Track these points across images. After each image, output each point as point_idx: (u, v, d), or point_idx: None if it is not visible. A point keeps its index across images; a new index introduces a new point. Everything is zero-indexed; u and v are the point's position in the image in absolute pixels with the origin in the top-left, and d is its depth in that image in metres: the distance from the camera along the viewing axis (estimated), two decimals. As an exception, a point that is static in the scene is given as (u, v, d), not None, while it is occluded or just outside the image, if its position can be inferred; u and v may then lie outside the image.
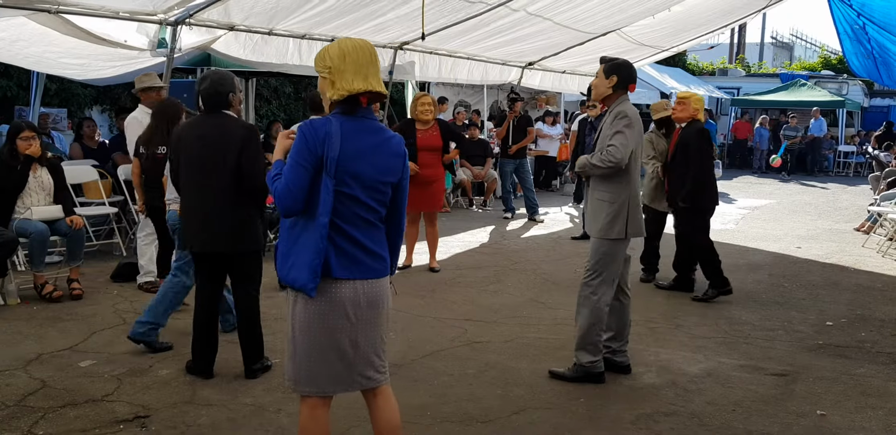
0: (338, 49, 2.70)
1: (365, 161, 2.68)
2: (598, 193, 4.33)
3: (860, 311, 6.11)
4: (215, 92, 4.20)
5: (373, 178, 2.71)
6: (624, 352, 4.55)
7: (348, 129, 2.67)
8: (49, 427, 3.64)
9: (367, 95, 2.71)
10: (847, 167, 20.91)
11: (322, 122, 2.66)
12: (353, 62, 2.68)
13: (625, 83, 4.32)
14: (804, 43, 47.28)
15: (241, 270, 4.32)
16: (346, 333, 2.74)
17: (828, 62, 30.69)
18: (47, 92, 10.41)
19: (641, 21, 10.70)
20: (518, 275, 7.20)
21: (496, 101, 16.66)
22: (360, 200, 2.70)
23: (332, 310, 2.71)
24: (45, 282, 5.92)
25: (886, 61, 11.45)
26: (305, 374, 2.77)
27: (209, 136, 4.18)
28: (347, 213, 2.69)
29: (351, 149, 2.65)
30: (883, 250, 8.61)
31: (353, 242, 2.71)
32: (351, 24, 8.08)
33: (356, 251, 2.72)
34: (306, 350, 2.75)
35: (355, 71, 2.68)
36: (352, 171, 2.66)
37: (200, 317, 4.33)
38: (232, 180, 4.13)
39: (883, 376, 4.59)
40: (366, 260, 2.74)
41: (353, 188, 2.67)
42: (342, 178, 2.64)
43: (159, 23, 6.52)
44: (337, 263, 2.68)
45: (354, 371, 2.80)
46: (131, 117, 6.25)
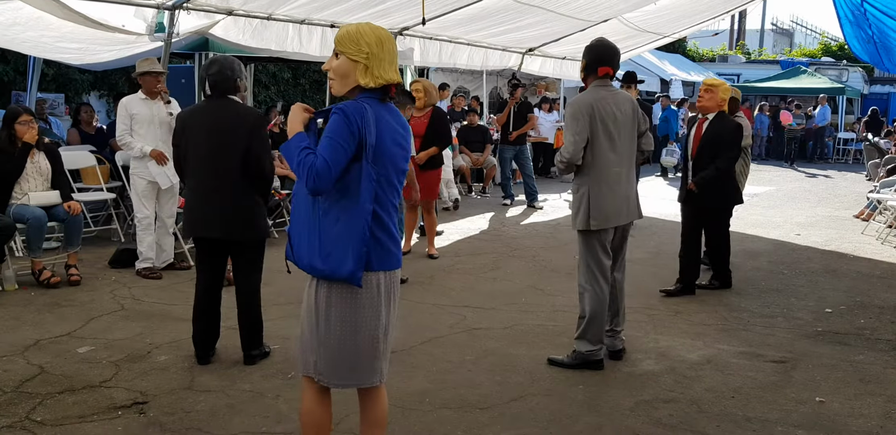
0: (375, 36, 2.62)
1: (397, 146, 2.66)
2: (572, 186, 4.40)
3: (859, 298, 6.10)
4: (225, 77, 4.17)
5: (402, 161, 2.70)
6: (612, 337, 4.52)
7: (381, 114, 2.63)
8: (47, 413, 3.63)
9: (397, 86, 2.69)
10: (847, 154, 20.87)
11: (359, 107, 2.56)
12: (389, 51, 2.64)
13: (593, 66, 4.23)
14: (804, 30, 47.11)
15: (246, 257, 4.30)
16: (381, 325, 2.71)
17: (828, 49, 30.58)
18: (44, 77, 10.35)
19: (643, 7, 10.64)
20: (517, 262, 7.19)
21: (495, 87, 16.60)
22: (395, 186, 2.69)
23: (371, 302, 2.66)
24: (42, 268, 5.91)
25: (887, 46, 11.39)
26: (333, 364, 2.71)
27: (218, 121, 4.15)
28: (385, 200, 2.65)
29: (387, 134, 2.62)
30: (882, 237, 8.61)
31: (387, 231, 2.67)
32: (351, 9, 8.03)
33: (388, 241, 2.68)
34: (341, 341, 2.68)
35: (391, 60, 2.64)
36: (389, 156, 2.62)
37: (202, 304, 4.31)
38: (240, 166, 4.11)
39: (882, 363, 4.58)
40: (393, 249, 2.71)
41: (390, 174, 2.64)
42: (384, 165, 2.60)
43: (157, 7, 6.47)
44: (374, 255, 2.63)
45: (380, 363, 2.76)
46: (122, 100, 6.23)
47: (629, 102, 4.34)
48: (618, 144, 4.25)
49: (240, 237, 4.21)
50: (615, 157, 4.24)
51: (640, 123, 4.39)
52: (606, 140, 4.21)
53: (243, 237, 4.21)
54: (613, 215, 4.27)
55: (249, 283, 4.33)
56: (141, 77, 6.15)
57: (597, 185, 4.23)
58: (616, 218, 4.29)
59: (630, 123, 4.31)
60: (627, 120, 4.28)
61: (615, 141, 4.24)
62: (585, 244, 4.34)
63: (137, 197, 6.19)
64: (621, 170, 4.28)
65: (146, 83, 6.14)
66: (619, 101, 4.28)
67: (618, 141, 4.25)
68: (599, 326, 4.34)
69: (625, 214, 4.35)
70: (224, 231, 4.18)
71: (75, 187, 7.27)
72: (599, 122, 4.18)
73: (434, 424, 3.61)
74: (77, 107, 9.52)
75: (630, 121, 4.30)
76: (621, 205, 4.30)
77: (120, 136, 6.14)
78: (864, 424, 3.72)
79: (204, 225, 4.20)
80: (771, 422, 3.72)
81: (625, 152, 4.30)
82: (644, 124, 4.42)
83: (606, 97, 4.24)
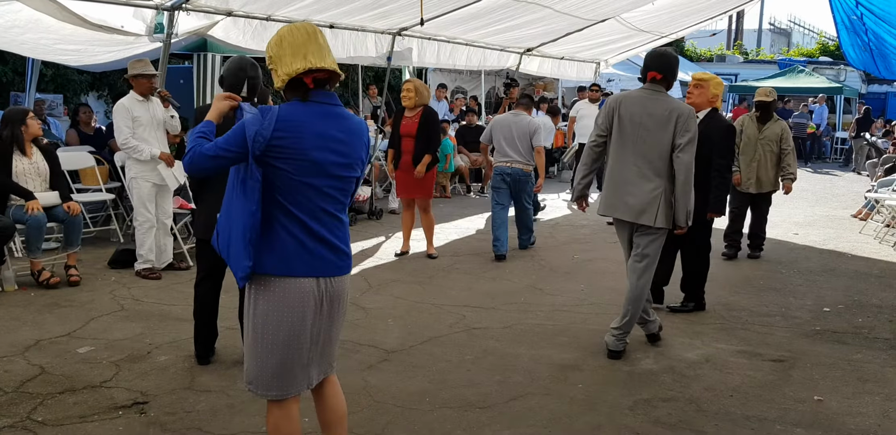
0: (275, 36, 2.61)
1: (325, 151, 2.57)
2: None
3: (857, 297, 6.12)
4: (260, 81, 4.12)
5: (334, 168, 2.61)
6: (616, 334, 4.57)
7: (304, 120, 2.56)
8: (48, 413, 3.64)
9: (311, 75, 2.57)
10: (844, 154, 20.87)
11: (268, 113, 2.53)
12: (289, 45, 2.57)
13: (643, 71, 4.51)
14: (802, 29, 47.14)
15: None
16: (306, 333, 2.65)
17: (826, 49, 30.61)
18: (43, 78, 10.35)
19: (641, 7, 10.65)
20: (516, 261, 7.20)
21: (493, 87, 16.62)
22: (324, 192, 2.61)
23: (293, 307, 2.61)
24: (41, 268, 5.91)
25: (883, 53, 11.44)
26: (257, 370, 2.67)
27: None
28: (309, 205, 2.60)
29: (307, 140, 2.54)
30: (880, 237, 8.63)
31: (316, 236, 2.61)
32: (350, 10, 8.03)
33: (320, 247, 2.62)
34: (263, 346, 2.64)
35: (293, 53, 2.56)
36: (311, 159, 2.54)
37: (202, 304, 4.31)
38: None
39: (880, 362, 4.60)
40: (328, 255, 2.65)
41: (312, 178, 2.57)
42: (302, 167, 2.54)
43: (156, 8, 6.46)
44: (299, 259, 2.60)
45: (313, 368, 2.74)
46: (119, 104, 6.15)
47: (669, 110, 4.35)
48: (637, 144, 4.39)
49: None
50: (633, 155, 4.40)
51: (675, 135, 4.32)
52: (621, 137, 4.44)
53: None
54: (610, 207, 4.55)
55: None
56: (133, 79, 6.13)
57: (607, 176, 4.58)
58: (612, 210, 4.53)
59: (659, 130, 4.35)
60: (655, 126, 4.36)
61: (633, 140, 4.39)
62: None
63: (140, 200, 6.14)
64: (637, 169, 4.39)
65: (139, 85, 6.12)
66: (653, 107, 4.38)
67: (636, 141, 4.38)
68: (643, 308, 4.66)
69: (623, 211, 4.46)
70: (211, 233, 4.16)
71: (74, 188, 7.28)
72: (618, 120, 4.43)
73: (434, 423, 3.63)
74: (75, 107, 9.52)
75: (659, 127, 4.35)
76: (619, 200, 4.46)
77: (125, 140, 6.04)
78: (862, 423, 3.74)
79: (202, 226, 4.19)
80: (769, 420, 3.73)
81: (644, 154, 4.38)
82: (681, 138, 4.30)
83: (640, 98, 4.44)
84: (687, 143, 4.31)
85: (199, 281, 4.34)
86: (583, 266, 7.06)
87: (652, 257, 4.53)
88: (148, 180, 6.14)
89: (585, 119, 11.86)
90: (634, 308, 4.56)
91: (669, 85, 4.49)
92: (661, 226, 4.41)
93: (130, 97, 6.15)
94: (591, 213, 10.26)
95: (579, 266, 7.06)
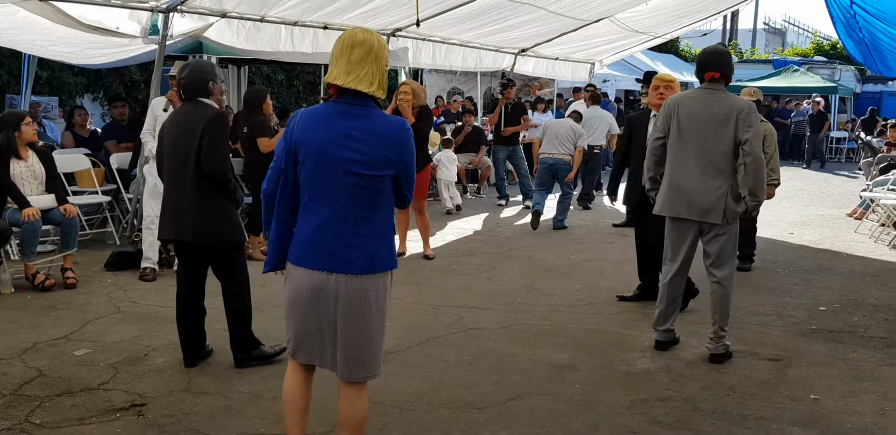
0: (337, 42, 2.82)
1: (332, 146, 2.72)
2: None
3: (853, 296, 6.14)
4: (194, 80, 4.18)
5: (350, 163, 2.72)
6: (712, 339, 4.59)
7: (320, 117, 2.78)
8: (45, 416, 3.64)
9: (336, 88, 2.77)
10: (840, 153, 20.95)
11: (297, 113, 2.86)
12: (334, 55, 2.78)
13: (699, 72, 4.56)
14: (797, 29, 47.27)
15: (218, 260, 4.25)
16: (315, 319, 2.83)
17: (820, 48, 30.71)
18: (38, 80, 10.33)
19: (635, 8, 10.67)
20: (512, 262, 7.21)
21: (489, 88, 16.62)
22: (343, 187, 2.73)
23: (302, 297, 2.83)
24: (35, 272, 5.90)
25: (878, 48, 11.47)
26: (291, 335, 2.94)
27: (181, 124, 4.16)
28: (329, 200, 2.75)
29: (313, 133, 2.76)
30: (875, 236, 8.65)
31: (332, 232, 2.74)
32: (343, 10, 8.03)
33: (334, 242, 2.75)
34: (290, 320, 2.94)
35: (334, 62, 2.78)
36: (324, 153, 2.73)
37: (182, 308, 4.30)
38: (195, 168, 4.09)
39: (875, 361, 4.62)
40: (343, 252, 2.75)
41: (331, 173, 2.74)
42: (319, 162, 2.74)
43: (151, 10, 6.46)
44: (313, 252, 2.77)
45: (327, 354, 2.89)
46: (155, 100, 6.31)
47: (728, 107, 4.38)
48: (699, 143, 4.40)
49: (203, 241, 4.14)
50: (692, 153, 4.42)
51: (738, 131, 4.36)
52: (680, 137, 4.45)
53: (207, 241, 4.15)
54: (670, 205, 4.52)
55: (228, 285, 4.27)
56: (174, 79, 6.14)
57: (667, 175, 4.56)
58: (674, 208, 4.51)
59: (719, 128, 4.38)
60: (716, 123, 4.38)
61: (697, 138, 4.41)
62: (666, 227, 4.66)
63: (148, 195, 6.23)
64: (700, 167, 4.42)
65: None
66: (714, 105, 4.40)
67: (701, 139, 4.40)
68: (660, 309, 4.66)
69: (685, 209, 4.47)
70: (177, 234, 4.16)
71: (70, 190, 7.28)
72: (676, 119, 4.45)
73: (432, 424, 3.63)
74: (70, 110, 9.51)
75: (720, 125, 4.37)
76: (681, 198, 4.47)
77: (143, 133, 6.31)
78: (859, 421, 3.75)
79: (165, 227, 4.25)
80: (766, 419, 3.75)
81: (703, 151, 4.40)
82: (745, 133, 4.34)
83: (699, 98, 4.47)
84: (752, 137, 4.36)
85: (178, 283, 4.33)
86: (579, 266, 7.07)
87: (729, 255, 4.57)
88: (153, 175, 6.14)
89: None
90: (723, 308, 4.59)
91: (728, 81, 4.55)
92: (731, 222, 4.48)
93: (164, 97, 6.17)
94: (588, 213, 10.30)
95: (576, 266, 7.07)
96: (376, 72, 2.75)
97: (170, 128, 4.23)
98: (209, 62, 4.34)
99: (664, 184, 4.57)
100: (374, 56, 2.74)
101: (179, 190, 4.16)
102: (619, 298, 5.86)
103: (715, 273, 4.55)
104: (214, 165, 4.08)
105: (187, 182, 4.12)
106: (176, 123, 4.20)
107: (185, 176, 4.12)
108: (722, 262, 4.54)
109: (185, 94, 4.23)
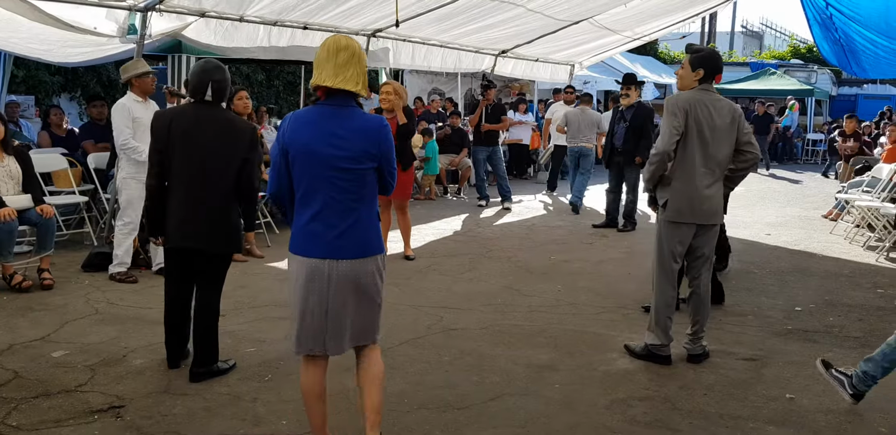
0: (322, 47, 3.05)
1: (319, 144, 2.97)
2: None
3: (828, 296, 6.22)
4: (227, 85, 4.11)
5: (337, 159, 2.97)
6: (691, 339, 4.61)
7: (308, 117, 3.04)
8: (22, 418, 3.60)
9: (324, 90, 3.02)
10: (815, 155, 21.19)
11: (288, 115, 3.11)
12: (316, 59, 3.04)
13: (712, 74, 4.46)
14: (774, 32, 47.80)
15: (212, 270, 4.18)
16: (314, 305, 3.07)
17: (797, 51, 31.05)
18: (13, 79, 10.23)
19: (613, 9, 10.74)
20: (493, 262, 7.23)
21: (470, 89, 16.66)
22: (331, 182, 2.98)
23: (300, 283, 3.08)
24: (13, 272, 5.84)
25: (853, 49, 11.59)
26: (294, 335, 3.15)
27: (219, 131, 4.05)
28: (321, 194, 3.00)
29: (303, 133, 2.99)
30: (850, 237, 8.76)
31: (326, 222, 3.01)
32: (321, 9, 8.01)
33: (327, 231, 3.02)
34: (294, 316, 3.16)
35: (316, 67, 3.04)
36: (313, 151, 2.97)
37: (172, 315, 4.24)
38: (234, 179, 4.04)
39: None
40: (335, 240, 3.02)
41: (321, 169, 2.98)
42: (309, 159, 2.98)
43: (128, 9, 6.41)
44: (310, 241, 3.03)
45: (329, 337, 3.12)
46: (119, 104, 6.02)
47: (731, 112, 4.42)
48: (710, 146, 4.38)
49: (217, 250, 4.11)
50: (702, 158, 4.38)
51: (740, 134, 4.43)
52: (698, 139, 4.37)
53: (220, 250, 4.13)
54: (687, 212, 4.42)
55: (209, 295, 4.19)
56: (138, 79, 6.03)
57: (679, 181, 4.42)
58: (690, 215, 4.42)
59: (727, 130, 4.40)
60: (724, 126, 4.39)
61: (707, 142, 4.37)
62: (659, 236, 4.54)
63: (129, 201, 6.02)
64: (709, 172, 4.41)
65: (143, 85, 6.01)
66: (719, 108, 4.41)
67: (710, 143, 4.38)
68: (663, 321, 4.52)
69: (701, 214, 4.44)
70: (207, 243, 4.06)
71: (46, 190, 7.20)
72: (694, 122, 4.36)
73: (412, 424, 3.64)
74: (46, 109, 9.41)
75: (727, 128, 4.40)
76: (697, 204, 4.41)
77: (125, 140, 5.94)
78: (833, 420, 3.80)
79: (187, 236, 4.07)
80: (743, 418, 3.79)
81: (715, 156, 4.40)
82: (744, 136, 4.43)
83: (706, 101, 4.40)
84: (751, 136, 4.46)
85: (167, 290, 4.27)
86: (559, 267, 7.11)
87: (711, 253, 4.62)
88: (141, 181, 6.06)
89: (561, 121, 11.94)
90: (705, 309, 4.62)
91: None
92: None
93: (129, 98, 6.04)
94: (567, 215, 10.35)
95: (556, 267, 7.10)
96: (360, 73, 3.04)
97: (198, 129, 4.03)
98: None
99: (676, 190, 4.41)
100: (357, 58, 3.03)
101: (201, 197, 4.02)
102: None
103: (703, 274, 4.59)
104: (254, 182, 4.13)
105: (219, 190, 4.03)
106: (207, 127, 4.03)
107: (218, 184, 4.02)
108: (710, 262, 4.60)
109: (214, 96, 4.06)
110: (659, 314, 4.53)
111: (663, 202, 4.47)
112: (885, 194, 8.73)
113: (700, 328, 4.59)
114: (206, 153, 4.02)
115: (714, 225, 4.53)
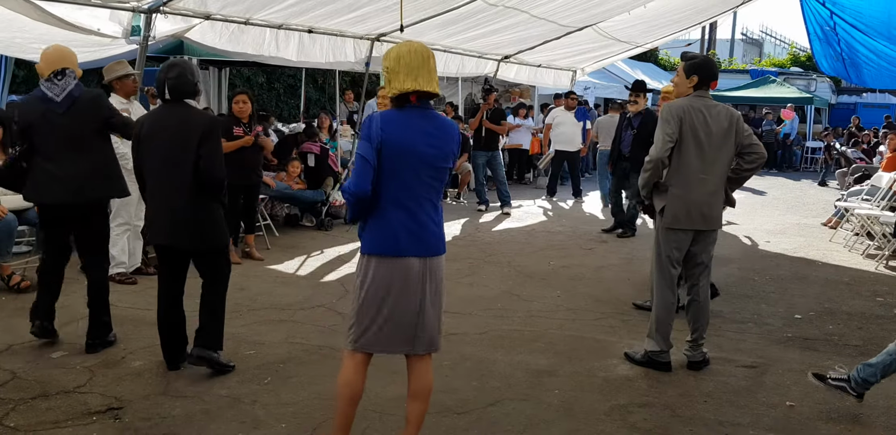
0: (395, 52, 3.09)
1: (423, 143, 3.03)
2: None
3: (828, 304, 6.22)
4: (185, 81, 4.12)
5: (432, 157, 3.05)
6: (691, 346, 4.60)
7: (397, 119, 3.05)
8: (20, 419, 3.59)
9: (417, 94, 3.06)
10: (814, 163, 21.21)
11: (369, 117, 3.08)
12: (405, 65, 3.04)
13: (707, 80, 4.47)
14: (774, 40, 47.91)
15: (210, 268, 4.23)
16: (386, 303, 3.13)
17: (797, 59, 31.14)
18: (15, 79, 10.21)
19: (617, 17, 10.76)
20: (492, 267, 7.22)
21: (470, 93, 16.66)
22: (422, 180, 3.06)
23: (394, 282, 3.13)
24: (11, 273, 5.83)
25: (855, 63, 11.64)
26: (356, 330, 3.17)
27: (172, 128, 4.08)
28: (412, 192, 3.07)
29: (396, 133, 3.01)
30: (849, 245, 8.77)
31: (417, 220, 3.09)
32: (327, 13, 8.02)
33: (421, 229, 3.10)
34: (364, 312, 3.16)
35: (407, 73, 3.04)
36: (412, 150, 3.01)
37: (165, 315, 4.25)
38: (192, 174, 4.04)
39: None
40: (428, 238, 3.13)
41: (415, 167, 3.04)
42: (407, 159, 3.01)
43: (132, 10, 6.41)
44: (404, 240, 3.08)
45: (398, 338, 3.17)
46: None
47: (727, 117, 4.43)
48: (706, 153, 4.38)
49: (198, 247, 4.14)
50: (700, 164, 4.38)
51: (740, 138, 4.45)
52: (694, 146, 4.37)
53: (202, 247, 4.15)
54: (685, 218, 4.42)
55: (215, 287, 4.25)
56: (118, 81, 6.05)
57: (676, 188, 4.42)
58: (687, 221, 4.43)
59: (724, 136, 4.41)
60: (721, 131, 4.40)
61: (704, 149, 4.37)
62: (658, 242, 4.53)
63: (122, 202, 6.02)
64: (707, 178, 4.41)
65: (125, 87, 6.04)
66: (715, 114, 4.41)
67: (707, 149, 4.38)
68: (663, 327, 4.51)
69: (699, 220, 4.44)
70: (173, 239, 4.12)
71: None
72: (689, 128, 4.36)
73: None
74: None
75: (725, 133, 4.40)
76: (696, 210, 4.41)
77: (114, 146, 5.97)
78: (833, 428, 3.80)
79: (158, 233, 4.17)
80: (742, 426, 3.78)
81: (713, 162, 4.40)
82: (746, 138, 4.45)
83: (700, 108, 4.40)
84: (754, 139, 4.47)
85: (159, 288, 4.29)
86: (559, 272, 7.10)
87: (709, 261, 4.62)
88: (134, 181, 6.05)
89: (562, 126, 11.95)
90: (705, 317, 4.62)
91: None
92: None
93: (114, 100, 6.02)
94: (567, 220, 10.35)
95: (555, 272, 7.10)
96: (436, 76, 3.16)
97: (156, 130, 4.10)
98: (192, 63, 4.29)
99: (673, 197, 4.42)
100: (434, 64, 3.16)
101: (171, 195, 4.07)
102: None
103: (702, 282, 4.59)
104: (216, 172, 4.07)
105: (182, 188, 4.05)
106: (164, 126, 4.10)
107: (180, 181, 4.04)
108: (708, 270, 4.60)
109: (171, 95, 4.12)
110: (659, 320, 4.53)
111: (661, 208, 4.47)
112: (884, 203, 8.75)
113: (700, 335, 4.59)
114: (162, 153, 4.09)
115: (713, 231, 4.53)
